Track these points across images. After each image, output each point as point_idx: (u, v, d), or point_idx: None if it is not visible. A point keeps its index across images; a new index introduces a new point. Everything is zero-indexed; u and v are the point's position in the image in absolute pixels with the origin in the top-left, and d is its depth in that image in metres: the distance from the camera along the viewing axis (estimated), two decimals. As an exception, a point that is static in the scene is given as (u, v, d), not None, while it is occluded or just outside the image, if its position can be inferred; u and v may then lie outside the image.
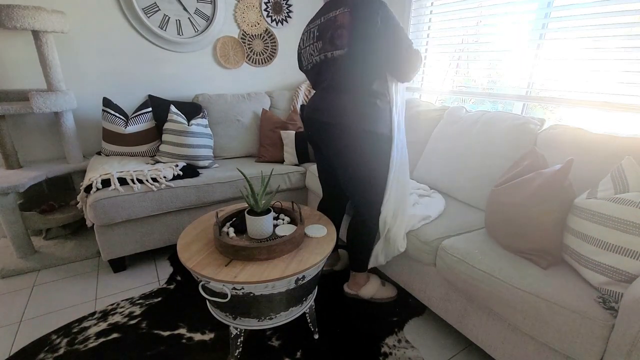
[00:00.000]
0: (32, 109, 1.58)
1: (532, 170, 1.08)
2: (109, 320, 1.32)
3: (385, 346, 1.24)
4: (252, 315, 1.04)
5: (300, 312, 1.12)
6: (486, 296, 1.01)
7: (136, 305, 1.41)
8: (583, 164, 1.17)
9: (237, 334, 1.10)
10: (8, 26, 1.43)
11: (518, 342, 0.99)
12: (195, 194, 1.67)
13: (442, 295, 1.23)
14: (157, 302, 1.43)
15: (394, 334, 1.29)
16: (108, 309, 1.39)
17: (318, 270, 1.10)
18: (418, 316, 1.40)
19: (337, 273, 1.65)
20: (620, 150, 1.10)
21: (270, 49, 2.43)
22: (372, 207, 1.33)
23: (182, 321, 1.33)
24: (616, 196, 0.87)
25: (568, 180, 1.00)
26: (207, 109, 2.07)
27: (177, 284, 1.56)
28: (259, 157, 2.10)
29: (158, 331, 1.27)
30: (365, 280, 1.46)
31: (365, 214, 1.34)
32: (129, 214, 1.53)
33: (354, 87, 1.17)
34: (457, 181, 1.49)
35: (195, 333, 1.27)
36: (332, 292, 1.52)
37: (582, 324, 0.82)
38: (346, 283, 1.50)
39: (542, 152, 1.25)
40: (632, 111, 1.30)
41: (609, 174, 0.95)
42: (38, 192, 1.94)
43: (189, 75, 2.20)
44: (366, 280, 1.46)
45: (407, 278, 1.37)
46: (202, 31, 2.12)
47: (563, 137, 1.27)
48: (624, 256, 0.82)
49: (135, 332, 1.27)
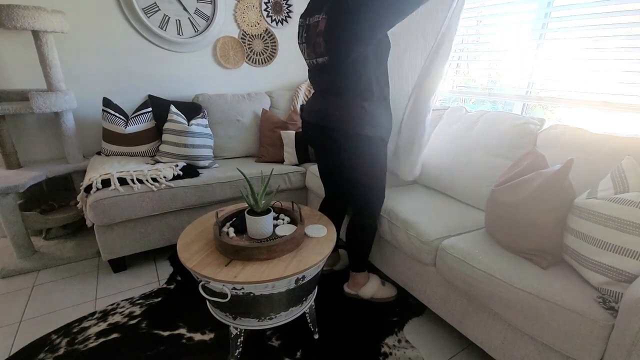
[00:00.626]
0: (32, 109, 1.58)
1: (532, 170, 1.08)
2: (109, 320, 1.32)
3: (385, 346, 1.24)
4: (252, 315, 1.04)
5: (300, 312, 1.12)
6: (486, 296, 1.01)
7: (136, 305, 1.41)
8: (583, 164, 1.17)
9: (237, 334, 1.10)
10: (8, 26, 1.43)
11: (518, 342, 0.99)
12: (195, 194, 1.67)
13: (442, 295, 1.23)
14: (157, 302, 1.43)
15: (394, 334, 1.29)
16: (108, 309, 1.39)
17: (318, 271, 1.10)
18: (418, 316, 1.40)
19: (337, 273, 1.65)
20: (620, 150, 1.10)
21: (270, 49, 2.43)
22: (371, 208, 1.33)
23: (182, 321, 1.33)
24: (616, 196, 0.87)
25: (568, 180, 1.00)
26: (207, 109, 2.07)
27: (177, 284, 1.56)
28: (259, 157, 2.10)
29: (158, 331, 1.27)
30: (365, 279, 1.46)
31: (364, 215, 1.35)
32: (129, 214, 1.53)
33: (344, 91, 1.17)
34: (457, 181, 1.49)
35: (195, 333, 1.27)
36: (332, 292, 1.52)
37: (582, 324, 0.82)
38: (346, 283, 1.51)
39: (542, 152, 1.25)
40: (632, 111, 1.30)
41: (609, 174, 0.95)
42: (38, 192, 1.94)
43: (189, 75, 2.20)
44: (366, 280, 1.46)
45: (407, 278, 1.37)
46: (202, 31, 2.12)
47: (563, 137, 1.27)
48: (624, 256, 0.82)
49: (135, 332, 1.27)
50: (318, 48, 1.14)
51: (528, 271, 0.97)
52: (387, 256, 1.46)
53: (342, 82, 1.15)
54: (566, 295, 0.87)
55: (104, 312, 1.37)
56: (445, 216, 1.33)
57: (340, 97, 1.17)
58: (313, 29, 1.15)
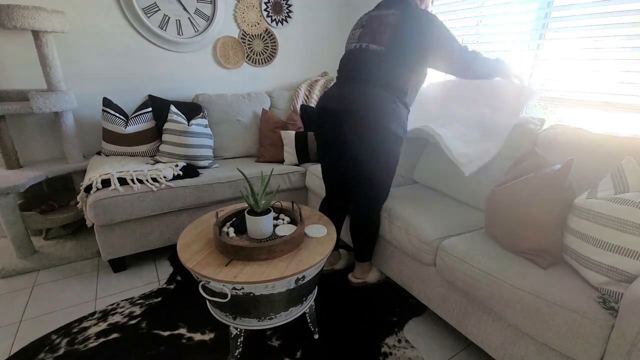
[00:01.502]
0: (32, 109, 1.58)
1: (532, 170, 1.08)
2: (109, 320, 1.32)
3: (385, 346, 1.24)
4: (252, 315, 1.04)
5: (300, 312, 1.12)
6: (486, 296, 1.01)
7: (136, 305, 1.41)
8: (583, 164, 1.17)
9: (237, 334, 1.10)
10: (8, 26, 1.43)
11: (518, 342, 0.99)
12: (195, 194, 1.67)
13: (442, 295, 1.22)
14: (157, 302, 1.43)
15: (394, 334, 1.29)
16: (108, 309, 1.39)
17: (318, 270, 1.10)
18: (418, 316, 1.40)
19: (337, 272, 1.65)
20: (620, 150, 1.10)
21: (270, 49, 2.43)
22: (375, 203, 1.36)
23: (182, 321, 1.33)
24: (616, 196, 0.87)
25: (568, 180, 1.00)
26: (207, 109, 2.07)
27: (177, 284, 1.56)
28: (259, 157, 2.10)
29: (158, 331, 1.27)
30: (370, 267, 1.53)
31: (367, 209, 1.37)
32: (129, 214, 1.53)
33: (382, 83, 1.21)
34: (458, 181, 1.49)
35: (195, 333, 1.27)
36: (332, 292, 1.52)
37: (582, 324, 0.82)
38: (350, 274, 1.55)
39: (542, 152, 1.25)
40: (632, 111, 1.30)
41: (608, 174, 0.95)
42: (38, 192, 1.95)
43: (189, 75, 2.20)
44: (370, 267, 1.53)
45: (407, 278, 1.37)
46: (202, 31, 2.12)
47: (563, 137, 1.27)
48: (624, 256, 0.82)
49: (135, 332, 1.27)
50: (379, 36, 1.21)
51: (528, 271, 0.97)
52: (386, 256, 1.47)
53: (385, 75, 1.20)
54: (566, 295, 0.87)
55: (104, 312, 1.37)
56: (445, 216, 1.33)
57: (377, 88, 1.21)
58: (380, 19, 1.23)
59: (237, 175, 1.78)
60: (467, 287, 1.07)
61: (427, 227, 1.25)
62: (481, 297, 1.03)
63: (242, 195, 1.53)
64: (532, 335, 0.92)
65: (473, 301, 1.11)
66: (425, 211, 1.35)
